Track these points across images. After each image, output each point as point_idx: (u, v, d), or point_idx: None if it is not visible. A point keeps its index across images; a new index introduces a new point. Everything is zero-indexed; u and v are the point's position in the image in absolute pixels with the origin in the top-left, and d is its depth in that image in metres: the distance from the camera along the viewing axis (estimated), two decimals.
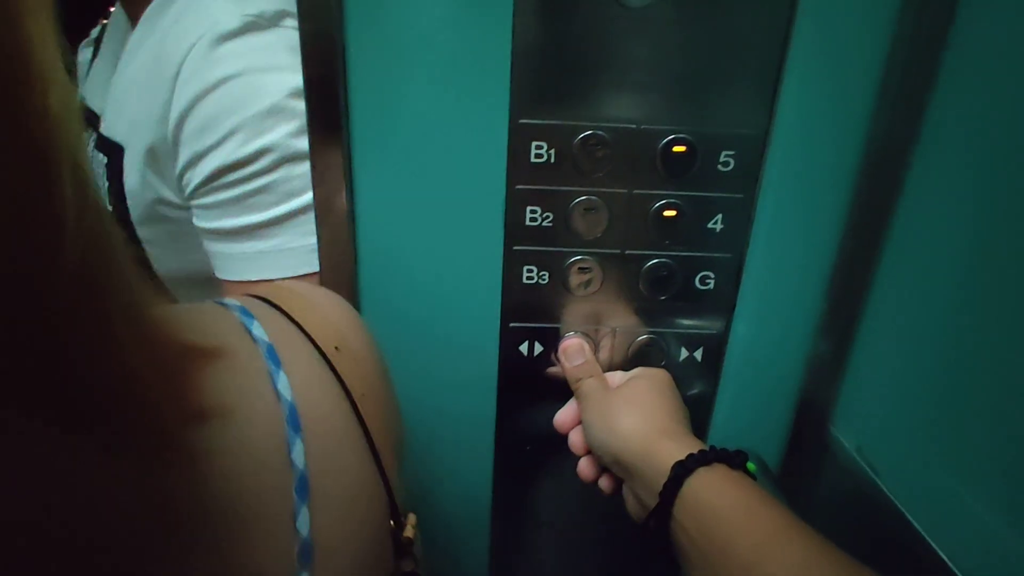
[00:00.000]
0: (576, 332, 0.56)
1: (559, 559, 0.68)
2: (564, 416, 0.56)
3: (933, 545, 0.45)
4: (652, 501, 0.44)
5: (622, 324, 0.56)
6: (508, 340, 0.56)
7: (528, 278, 0.54)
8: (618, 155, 0.50)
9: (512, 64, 0.47)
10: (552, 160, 0.50)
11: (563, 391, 0.58)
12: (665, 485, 0.42)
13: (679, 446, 0.44)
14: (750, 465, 0.43)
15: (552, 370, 0.57)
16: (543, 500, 0.65)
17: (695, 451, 0.43)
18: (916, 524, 0.47)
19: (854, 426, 0.56)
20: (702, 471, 0.41)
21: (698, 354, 0.57)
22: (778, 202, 0.51)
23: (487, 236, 0.52)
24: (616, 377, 0.55)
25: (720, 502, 0.40)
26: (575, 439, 0.55)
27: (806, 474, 0.57)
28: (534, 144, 0.50)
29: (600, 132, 0.50)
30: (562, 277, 0.54)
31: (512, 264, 0.53)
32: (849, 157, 0.50)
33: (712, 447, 0.43)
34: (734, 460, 0.43)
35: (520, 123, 0.49)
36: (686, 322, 0.56)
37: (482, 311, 0.54)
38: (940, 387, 0.48)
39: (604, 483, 0.53)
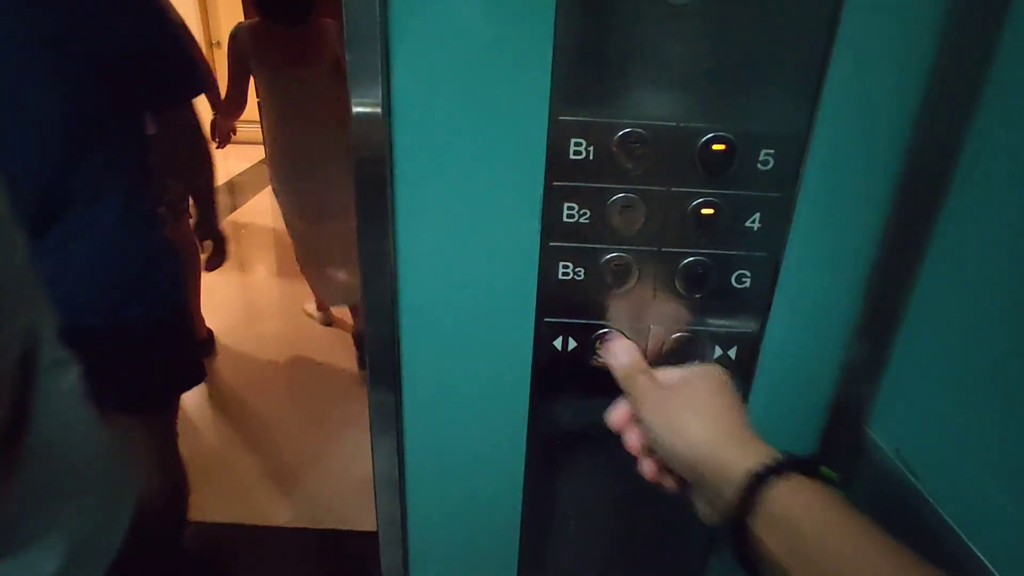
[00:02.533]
0: (612, 329, 0.57)
1: (588, 557, 0.68)
2: (616, 414, 0.54)
3: (974, 549, 0.45)
4: (725, 510, 0.42)
5: (657, 321, 0.56)
6: (543, 335, 0.56)
7: (564, 274, 0.54)
8: (657, 152, 0.50)
9: (553, 60, 0.47)
10: (590, 157, 0.51)
11: (597, 386, 0.58)
12: (739, 495, 0.40)
13: (749, 453, 0.42)
14: (825, 470, 0.42)
15: (598, 362, 0.57)
16: (574, 496, 0.65)
17: (768, 459, 0.41)
18: (956, 527, 0.47)
19: (892, 428, 0.55)
20: (778, 481, 0.40)
21: (732, 352, 0.57)
22: (818, 201, 0.51)
23: (524, 231, 0.53)
24: (668, 374, 0.52)
25: (801, 514, 0.38)
26: (631, 439, 0.52)
27: (843, 473, 0.57)
28: (573, 141, 0.50)
29: (639, 130, 0.50)
30: (598, 274, 0.54)
31: (548, 260, 0.54)
32: (892, 156, 0.49)
33: (785, 454, 0.42)
34: (809, 467, 0.41)
35: (559, 119, 0.50)
36: (721, 321, 0.56)
37: (517, 306, 0.55)
38: (983, 390, 0.48)
39: (669, 482, 0.51)
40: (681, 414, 0.47)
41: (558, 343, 0.57)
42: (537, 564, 0.68)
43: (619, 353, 0.53)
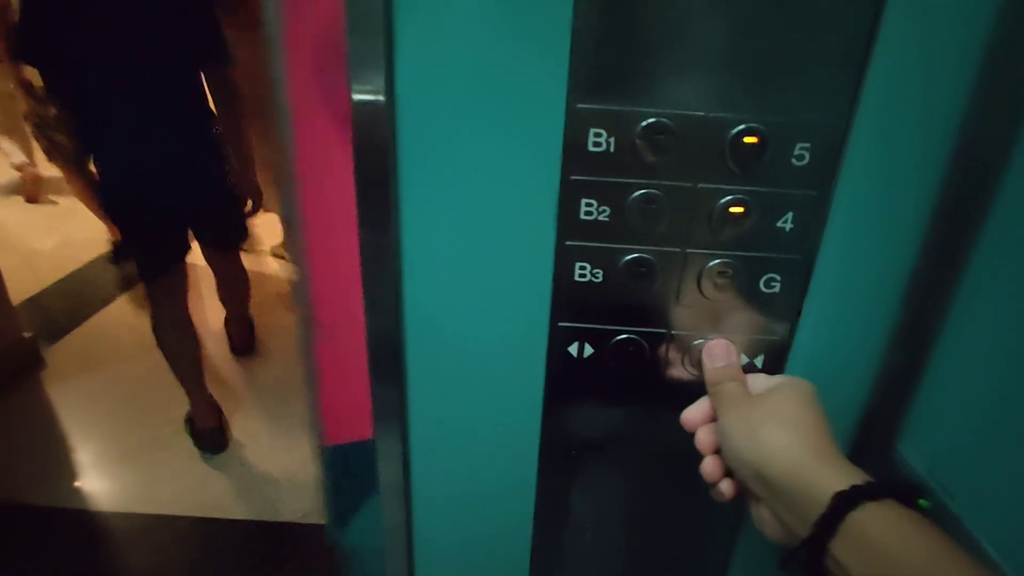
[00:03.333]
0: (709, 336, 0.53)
1: (602, 569, 0.65)
2: (694, 414, 0.52)
3: (1008, 571, 0.41)
4: (801, 528, 0.40)
5: (679, 327, 0.52)
6: (557, 340, 0.53)
7: (581, 275, 0.51)
8: (683, 145, 0.46)
9: (572, 44, 0.44)
10: (611, 149, 0.47)
11: (614, 394, 0.54)
12: (823, 516, 0.38)
13: (838, 473, 0.40)
14: (922, 501, 0.39)
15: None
16: (588, 508, 0.62)
17: (859, 481, 0.39)
18: (990, 548, 0.44)
19: (925, 446, 0.52)
20: (870, 506, 0.38)
21: (759, 361, 0.54)
22: (856, 201, 0.47)
23: (538, 229, 0.49)
24: (758, 381, 0.51)
25: (894, 543, 0.36)
26: (704, 437, 0.51)
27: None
28: (592, 131, 0.46)
29: (664, 120, 0.46)
30: (617, 275, 0.50)
31: (564, 260, 0.50)
32: (938, 154, 0.46)
33: (881, 478, 0.39)
34: (906, 494, 0.39)
35: (578, 108, 0.46)
36: (748, 326, 0.52)
37: (530, 309, 0.51)
38: (1022, 409, 0.44)
39: (726, 487, 0.50)
40: (765, 424, 0.45)
41: (573, 349, 0.53)
42: (548, 573, 0.65)
43: (718, 355, 0.52)
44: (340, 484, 0.61)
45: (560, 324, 0.52)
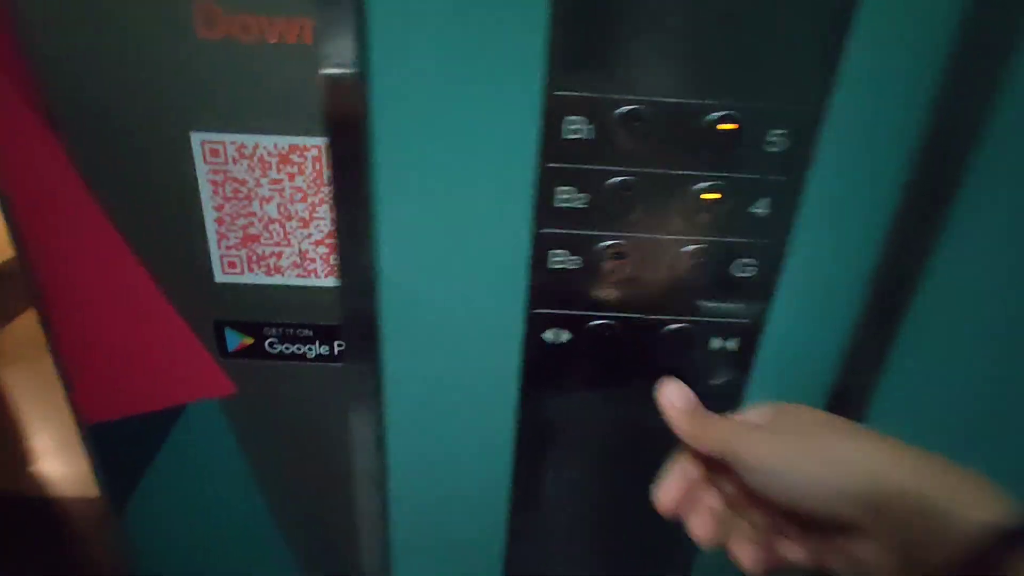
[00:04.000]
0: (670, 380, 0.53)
1: (573, 553, 0.66)
2: (672, 487, 0.40)
3: None
4: (941, 563, 0.31)
5: (655, 311, 0.52)
6: (533, 327, 0.52)
7: (557, 262, 0.50)
8: (658, 131, 0.46)
9: (549, 32, 0.43)
10: (587, 136, 0.47)
11: (590, 381, 0.55)
12: (979, 554, 0.30)
13: (976, 498, 0.31)
14: None
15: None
16: (562, 492, 0.62)
17: (1010, 512, 0.30)
18: None
19: (892, 424, 0.53)
20: None
21: (732, 343, 0.54)
22: (829, 187, 0.48)
23: (515, 216, 0.49)
24: (746, 415, 0.40)
25: None
26: (704, 522, 0.39)
27: None
28: (568, 118, 0.46)
29: (640, 106, 0.46)
30: (594, 262, 0.50)
31: (540, 247, 0.50)
32: (908, 142, 0.46)
33: None
34: None
35: (555, 95, 0.45)
36: (722, 310, 0.53)
37: (506, 296, 0.51)
38: (985, 384, 0.46)
39: (798, 553, 0.37)
40: (833, 439, 0.35)
41: (549, 335, 0.53)
42: (522, 560, 0.65)
43: (676, 398, 0.41)
44: (111, 459, 0.61)
45: (536, 311, 0.52)
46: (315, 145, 0.48)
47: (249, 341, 0.56)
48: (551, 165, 0.47)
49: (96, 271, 0.52)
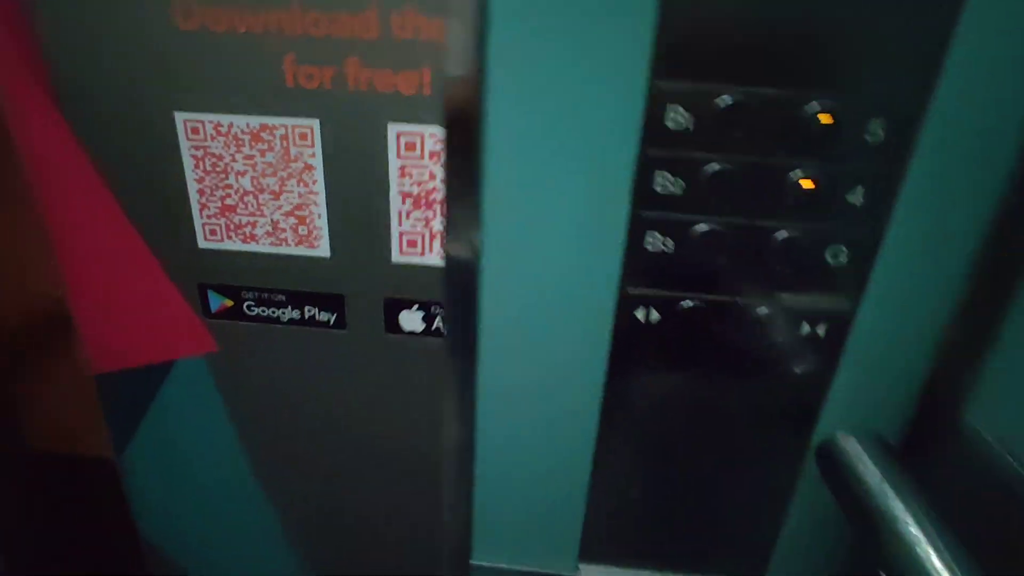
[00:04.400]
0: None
1: (651, 531, 0.68)
2: None
3: None
4: None
5: (745, 296, 0.54)
6: (625, 306, 0.55)
7: (651, 244, 0.53)
8: (757, 121, 0.49)
9: (655, 24, 0.46)
10: (687, 125, 0.49)
11: (677, 359, 0.57)
12: None
13: None
14: None
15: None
16: (643, 469, 0.65)
17: None
18: None
19: (995, 415, 0.53)
20: None
21: (820, 329, 0.55)
22: (928, 179, 0.48)
23: (613, 198, 0.52)
24: None
25: None
26: None
27: (934, 460, 0.55)
28: (670, 108, 0.49)
29: (740, 96, 0.48)
30: (687, 245, 0.53)
31: (636, 229, 0.52)
32: (1014, 134, 0.46)
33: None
34: None
35: (657, 85, 0.48)
36: (812, 297, 0.54)
37: (601, 274, 0.55)
38: None
39: None
40: None
41: (640, 314, 0.56)
42: (599, 544, 0.68)
43: None
44: (113, 410, 0.66)
45: (629, 290, 0.55)
46: (282, 124, 0.52)
47: (229, 303, 0.61)
48: (652, 152, 0.50)
49: (100, 238, 0.60)
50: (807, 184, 0.50)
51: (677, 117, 0.49)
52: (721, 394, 0.59)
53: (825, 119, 0.48)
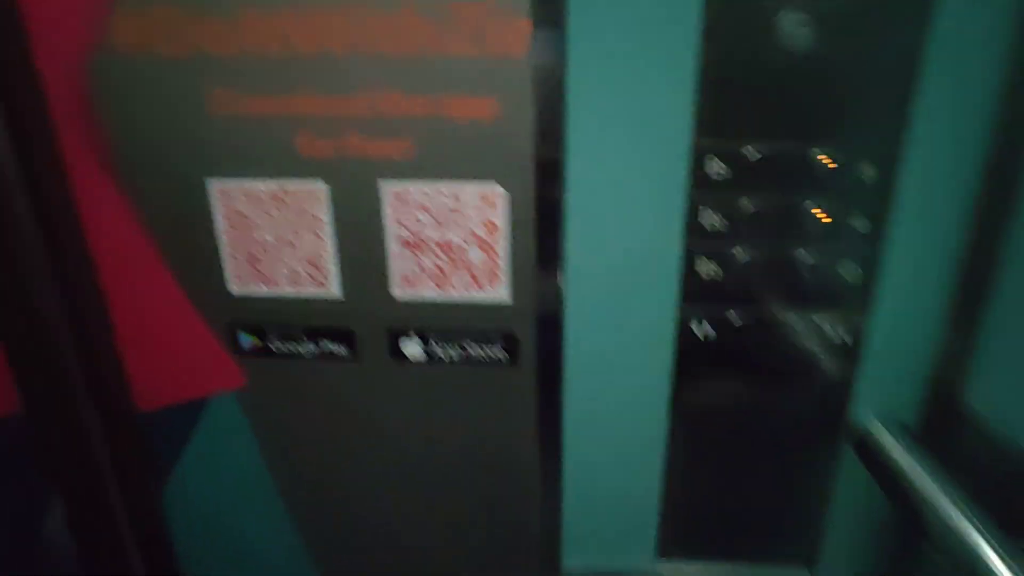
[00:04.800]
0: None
1: (719, 532, 0.77)
2: None
3: None
4: None
5: (780, 307, 0.64)
6: (684, 322, 0.64)
7: (699, 267, 0.62)
8: (780, 167, 0.58)
9: (697, 95, 0.55)
10: (725, 172, 0.58)
11: (729, 368, 0.66)
12: None
13: None
14: None
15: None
16: (706, 471, 0.73)
17: None
18: None
19: (988, 395, 0.63)
20: None
21: (843, 334, 0.64)
22: (912, 206, 0.59)
23: (670, 233, 0.60)
24: None
25: None
26: None
27: (945, 439, 0.66)
28: (708, 158, 0.58)
29: (766, 149, 0.57)
30: (729, 268, 0.62)
31: (690, 257, 0.61)
32: (971, 171, 0.57)
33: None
34: None
35: (699, 141, 0.57)
36: (834, 308, 0.64)
37: (664, 295, 0.63)
38: None
39: None
40: None
41: (696, 328, 0.65)
42: (677, 542, 0.76)
43: None
44: (154, 447, 0.75)
45: (685, 308, 0.64)
46: (296, 187, 0.61)
47: (257, 342, 0.69)
48: (696, 192, 0.59)
49: (145, 288, 0.67)
50: (822, 215, 0.60)
51: (715, 166, 0.58)
52: (767, 397, 0.68)
53: (829, 163, 0.58)
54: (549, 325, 0.63)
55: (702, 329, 0.64)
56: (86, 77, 0.58)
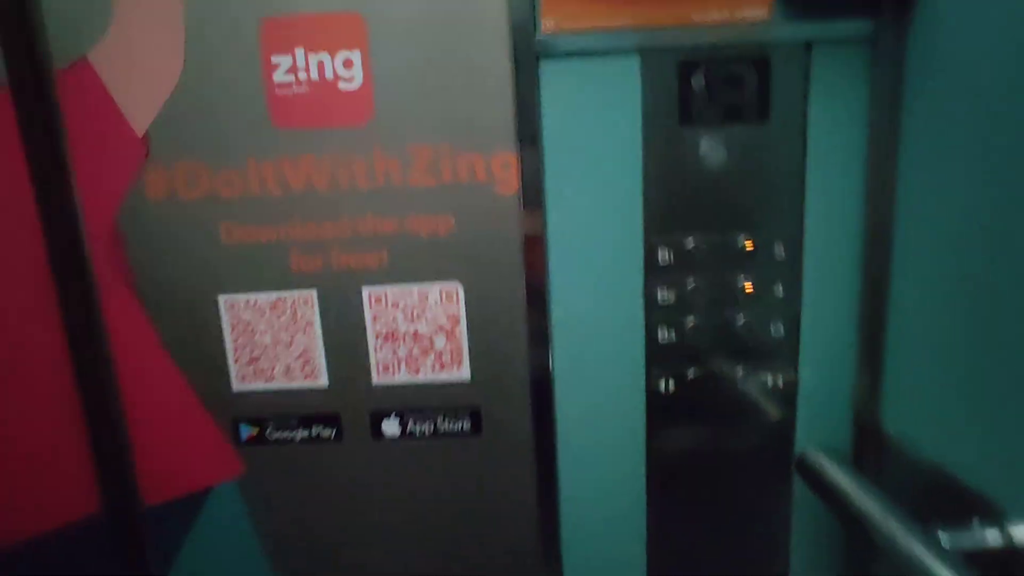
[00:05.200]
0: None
1: (700, 559, 0.83)
2: None
3: (975, 489, 0.60)
4: None
5: (727, 363, 0.75)
6: (651, 379, 0.75)
7: (662, 335, 0.74)
8: (713, 253, 0.71)
9: (643, 202, 0.70)
10: (671, 259, 0.71)
11: (690, 417, 0.76)
12: None
13: None
14: None
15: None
16: (684, 507, 0.81)
17: None
18: (960, 476, 0.62)
19: (899, 419, 0.73)
20: None
21: (779, 381, 0.75)
22: (816, 273, 0.72)
23: (633, 309, 0.73)
24: None
25: None
26: None
27: (870, 461, 0.76)
28: (659, 249, 0.71)
29: (700, 241, 0.71)
30: (683, 333, 0.74)
31: (651, 325, 0.73)
32: (852, 241, 0.71)
33: None
34: None
35: (651, 238, 0.71)
36: (770, 356, 0.75)
37: (634, 358, 0.74)
38: (963, 370, 0.63)
39: None
40: None
41: (661, 385, 0.75)
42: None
43: None
44: (157, 538, 0.82)
45: (653, 368, 0.75)
46: (291, 296, 0.75)
47: (255, 432, 0.79)
48: (651, 277, 0.72)
49: (157, 389, 0.77)
50: (748, 288, 0.72)
51: (663, 254, 0.72)
52: (727, 438, 0.78)
53: (749, 246, 0.71)
54: (536, 390, 0.74)
55: (666, 385, 0.75)
56: (119, 216, 0.72)
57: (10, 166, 0.68)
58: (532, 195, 0.70)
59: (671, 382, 0.75)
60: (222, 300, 0.74)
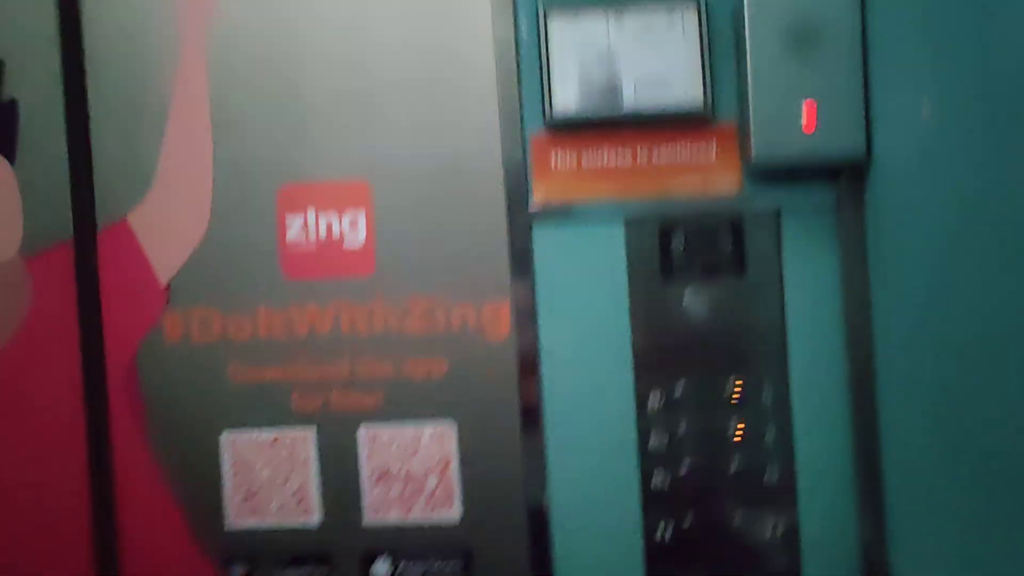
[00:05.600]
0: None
1: None
2: None
3: None
4: None
5: (725, 509, 0.74)
6: (647, 522, 0.74)
7: (655, 480, 0.74)
8: (700, 396, 0.73)
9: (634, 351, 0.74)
10: (660, 406, 0.74)
11: (691, 563, 0.75)
12: None
13: None
14: None
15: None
16: None
17: None
18: None
19: (903, 560, 0.71)
20: None
21: (780, 526, 0.74)
22: (803, 409, 0.73)
23: (629, 459, 0.74)
24: None
25: None
26: None
27: None
28: (650, 396, 0.74)
29: (687, 383, 0.73)
30: (676, 481, 0.74)
31: (646, 472, 0.74)
32: (841, 391, 0.73)
33: None
34: None
35: (641, 376, 0.74)
36: (765, 506, 0.74)
37: (627, 505, 0.74)
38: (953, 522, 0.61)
39: None
40: None
41: (659, 530, 0.74)
42: None
43: None
44: None
45: (648, 511, 0.74)
46: (289, 434, 0.79)
47: (247, 571, 0.80)
48: (644, 421, 0.73)
49: (156, 527, 0.79)
50: (739, 431, 0.73)
51: (653, 401, 0.74)
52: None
53: (738, 387, 0.73)
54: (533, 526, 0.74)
55: (663, 533, 0.74)
56: (136, 356, 0.78)
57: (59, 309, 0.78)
58: (527, 349, 0.74)
59: (670, 525, 0.74)
60: (224, 438, 0.78)
